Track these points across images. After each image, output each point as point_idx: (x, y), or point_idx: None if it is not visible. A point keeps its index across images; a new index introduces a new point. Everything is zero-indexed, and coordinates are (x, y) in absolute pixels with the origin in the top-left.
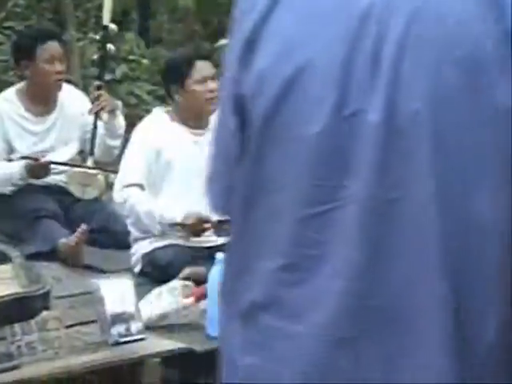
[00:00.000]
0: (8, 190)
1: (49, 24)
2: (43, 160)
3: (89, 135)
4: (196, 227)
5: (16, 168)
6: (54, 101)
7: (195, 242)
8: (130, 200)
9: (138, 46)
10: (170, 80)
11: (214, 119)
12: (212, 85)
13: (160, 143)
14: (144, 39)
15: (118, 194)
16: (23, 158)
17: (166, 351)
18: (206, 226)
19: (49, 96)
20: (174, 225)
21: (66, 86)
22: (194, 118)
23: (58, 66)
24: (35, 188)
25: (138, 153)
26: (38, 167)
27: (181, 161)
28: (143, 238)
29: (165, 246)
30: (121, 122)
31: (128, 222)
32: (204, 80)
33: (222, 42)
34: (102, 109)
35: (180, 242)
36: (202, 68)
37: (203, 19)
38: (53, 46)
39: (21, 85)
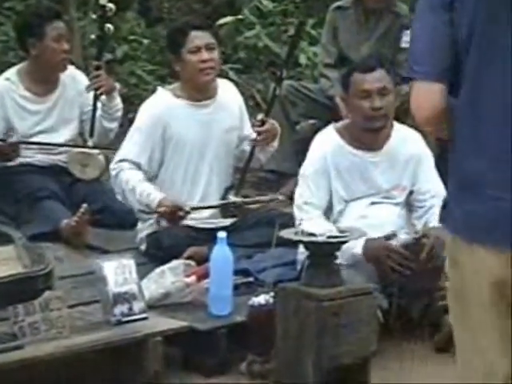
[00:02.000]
0: None
1: (49, 4)
2: (10, 141)
3: (85, 116)
4: (170, 214)
5: None
6: (56, 81)
7: (199, 223)
8: (120, 174)
9: (139, 25)
10: (169, 50)
11: (223, 90)
12: (205, 55)
13: (166, 119)
14: (145, 18)
15: (112, 167)
16: None
17: (168, 330)
18: (181, 213)
19: (52, 75)
20: (149, 212)
21: (68, 66)
22: (194, 90)
23: (65, 45)
24: (36, 169)
25: (142, 131)
26: (6, 148)
27: (189, 137)
28: (147, 219)
29: (168, 227)
30: (118, 104)
31: (117, 196)
32: (197, 50)
33: (225, 19)
34: (100, 87)
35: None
36: (196, 37)
37: None
38: (60, 25)
39: (22, 65)
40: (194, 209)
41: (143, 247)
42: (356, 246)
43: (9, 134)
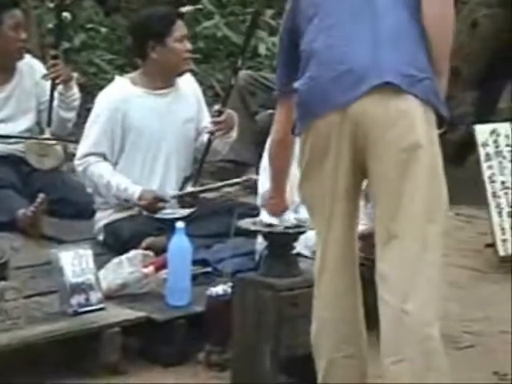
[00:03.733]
0: None
1: None
2: None
3: (43, 106)
4: (151, 205)
5: None
6: (13, 70)
7: (158, 213)
8: (90, 168)
9: (97, 13)
10: (148, 36)
11: (181, 80)
12: (189, 45)
13: (124, 107)
14: (103, 7)
15: (78, 162)
16: None
17: (125, 320)
18: (161, 204)
19: (9, 64)
20: (129, 205)
21: (25, 56)
22: (165, 77)
23: (22, 34)
24: None
25: (100, 120)
26: None
27: (147, 125)
28: (105, 209)
29: (126, 218)
30: (75, 93)
31: (88, 190)
32: (182, 39)
33: (184, 9)
34: (57, 78)
35: (141, 213)
36: (180, 26)
37: None
38: (17, 14)
39: None
40: (175, 197)
41: (101, 237)
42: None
43: None
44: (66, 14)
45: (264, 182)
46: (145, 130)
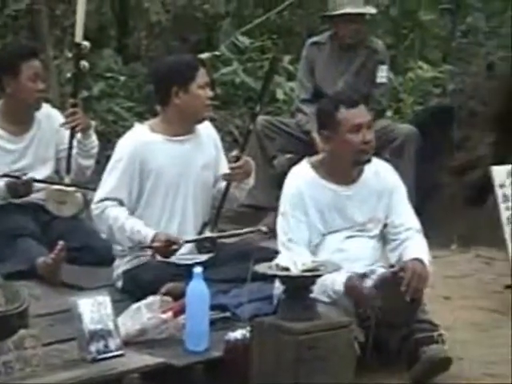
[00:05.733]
0: None
1: (26, 42)
2: (24, 178)
3: (61, 154)
4: (164, 248)
5: None
6: (32, 119)
7: (176, 258)
8: (106, 211)
9: (116, 62)
10: (173, 82)
11: (200, 127)
12: (210, 92)
13: (143, 154)
14: (122, 56)
15: (95, 206)
16: (3, 176)
17: (144, 366)
18: (175, 247)
19: (27, 114)
20: (143, 246)
21: (43, 105)
22: (186, 123)
23: (41, 85)
24: (13, 206)
25: (119, 167)
26: (19, 186)
27: (166, 172)
28: (123, 256)
29: (144, 264)
30: (94, 141)
31: (102, 235)
32: (205, 86)
33: (202, 56)
34: (76, 126)
35: (160, 259)
36: (204, 74)
37: (180, 35)
38: (36, 64)
39: None
40: (188, 242)
41: (120, 284)
42: (336, 283)
43: (23, 172)
44: (84, 63)
45: (284, 228)
46: (163, 176)
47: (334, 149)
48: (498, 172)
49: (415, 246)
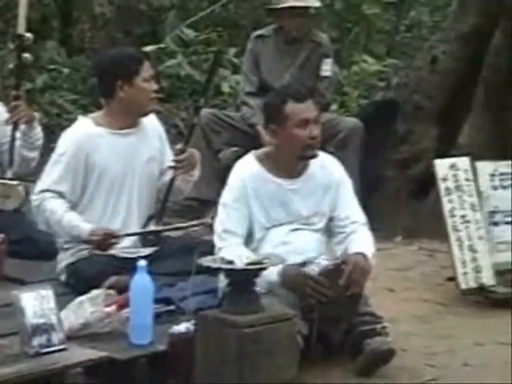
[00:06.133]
0: None
1: None
2: None
3: (4, 147)
4: (102, 242)
5: None
6: None
7: (120, 252)
8: (44, 203)
9: (59, 54)
10: (117, 75)
11: (144, 120)
12: (155, 85)
13: (87, 147)
14: (65, 48)
15: (35, 197)
16: None
17: (87, 360)
18: (114, 240)
19: None
20: (80, 241)
21: None
22: (130, 116)
23: None
24: None
25: (63, 160)
26: None
27: (110, 165)
28: (67, 249)
29: (88, 258)
30: (39, 133)
31: (40, 226)
32: (149, 79)
33: (147, 48)
34: (19, 119)
35: (99, 252)
36: (149, 67)
37: (124, 28)
38: None
39: None
40: (129, 235)
41: (63, 278)
42: (272, 273)
43: None
44: (26, 55)
45: (222, 219)
46: (108, 170)
47: (280, 143)
48: (441, 165)
49: (360, 239)
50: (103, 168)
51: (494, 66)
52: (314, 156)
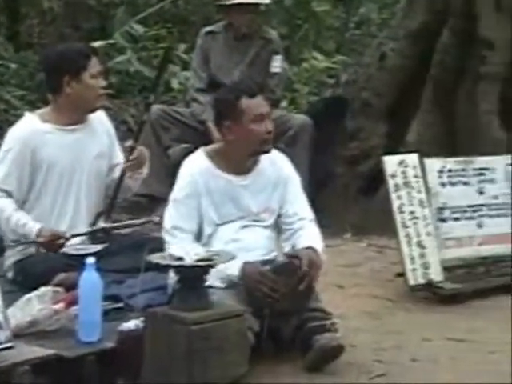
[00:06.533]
0: None
1: None
2: None
3: None
4: (49, 243)
5: None
6: None
7: (69, 249)
8: None
9: (6, 50)
10: (64, 71)
11: (92, 116)
12: (103, 82)
13: (34, 144)
14: (13, 43)
15: None
16: None
17: (34, 358)
18: (61, 241)
19: None
20: (26, 242)
21: None
22: (77, 113)
23: None
24: None
25: (9, 158)
26: None
27: (58, 162)
28: (15, 246)
29: (36, 254)
30: None
31: None
32: (97, 75)
33: (96, 44)
34: None
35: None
36: (97, 63)
37: (73, 23)
38: None
39: None
40: (75, 235)
41: (10, 275)
42: (232, 268)
43: None
44: None
45: (172, 215)
46: (55, 165)
47: (236, 138)
48: (390, 162)
49: (308, 235)
50: (51, 163)
51: (442, 64)
52: (269, 150)
